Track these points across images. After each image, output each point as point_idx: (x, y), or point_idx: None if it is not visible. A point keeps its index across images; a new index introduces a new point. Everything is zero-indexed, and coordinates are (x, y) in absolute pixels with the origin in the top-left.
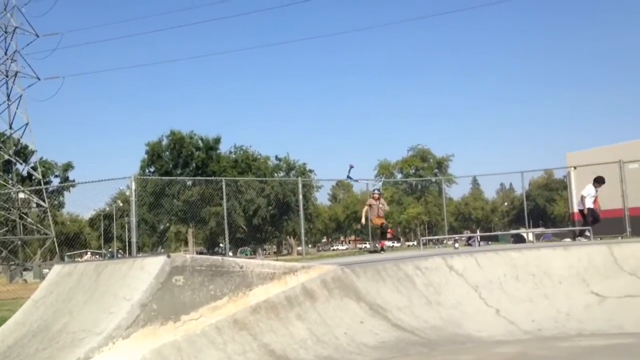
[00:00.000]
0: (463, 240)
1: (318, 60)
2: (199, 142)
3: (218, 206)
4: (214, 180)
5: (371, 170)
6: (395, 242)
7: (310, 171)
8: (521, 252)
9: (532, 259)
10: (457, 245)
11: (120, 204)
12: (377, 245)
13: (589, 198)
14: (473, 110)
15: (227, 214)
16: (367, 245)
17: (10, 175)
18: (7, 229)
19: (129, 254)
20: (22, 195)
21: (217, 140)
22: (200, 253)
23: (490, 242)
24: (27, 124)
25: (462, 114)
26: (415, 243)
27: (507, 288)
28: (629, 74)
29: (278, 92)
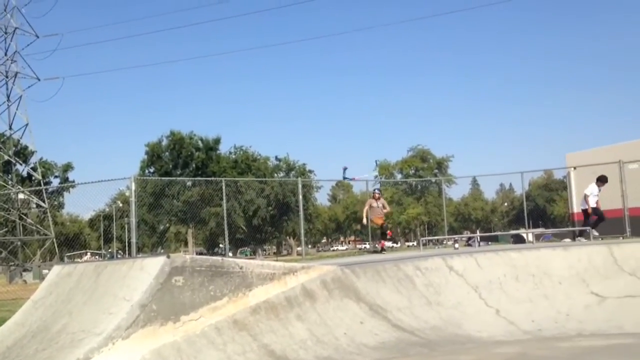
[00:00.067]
0: (463, 240)
1: (318, 60)
2: (199, 142)
3: (218, 207)
4: (214, 181)
5: (371, 171)
6: (392, 242)
7: (310, 171)
8: (521, 252)
9: (532, 259)
10: (457, 245)
11: (120, 204)
12: (377, 245)
13: (592, 197)
14: (473, 111)
15: (226, 214)
16: (367, 246)
17: (10, 176)
18: (6, 229)
19: (129, 254)
20: (21, 196)
21: (217, 141)
22: (200, 253)
23: (490, 243)
24: (27, 125)
25: (462, 114)
26: (415, 243)
27: (507, 288)
28: (629, 74)
29: (278, 93)
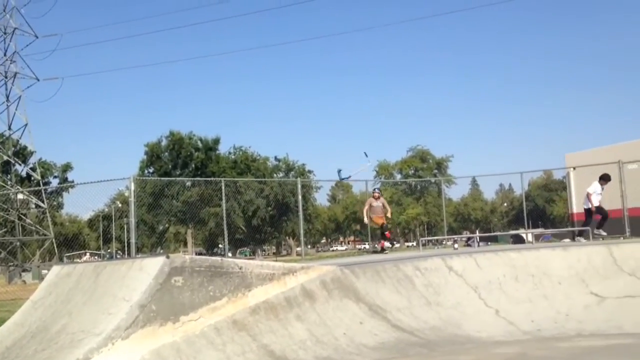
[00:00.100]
0: (462, 240)
1: (318, 60)
2: (198, 142)
3: (217, 207)
4: (213, 181)
5: (370, 171)
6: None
7: (310, 172)
8: (520, 252)
9: (531, 259)
10: (457, 245)
11: (120, 204)
12: (376, 245)
13: (595, 195)
14: (473, 111)
15: (226, 214)
16: (367, 246)
17: (9, 176)
18: (6, 230)
19: (128, 254)
20: (21, 196)
21: (217, 141)
22: (200, 254)
23: (489, 243)
24: (26, 125)
25: (462, 114)
26: (414, 244)
27: (506, 288)
28: (629, 74)
29: (277, 93)
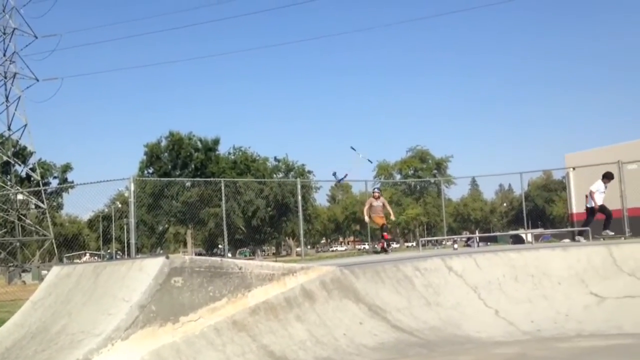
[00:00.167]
0: (462, 241)
1: (317, 60)
2: (198, 143)
3: (217, 207)
4: (213, 182)
5: (370, 172)
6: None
7: (309, 172)
8: (520, 252)
9: (531, 259)
10: (456, 246)
11: (119, 205)
12: (376, 246)
13: (598, 194)
14: (472, 111)
15: (226, 215)
16: (366, 246)
17: (8, 177)
18: (5, 230)
19: (128, 255)
20: (20, 197)
21: (216, 142)
22: (199, 254)
23: (489, 243)
24: (25, 125)
25: (462, 114)
26: (414, 244)
27: (506, 289)
28: (629, 74)
29: (277, 93)
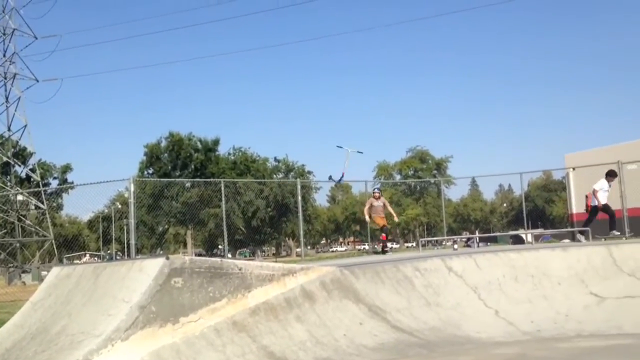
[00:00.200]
0: (462, 241)
1: (317, 61)
2: (198, 143)
3: (217, 208)
4: (213, 182)
5: (370, 172)
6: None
7: (309, 172)
8: (520, 253)
9: (531, 260)
10: (456, 246)
11: (119, 205)
12: (376, 246)
13: (601, 192)
14: (472, 111)
15: (225, 215)
16: (366, 247)
17: (8, 177)
18: (5, 231)
19: (128, 255)
20: (20, 197)
21: (216, 142)
22: (199, 255)
23: (489, 243)
24: (25, 126)
25: (462, 115)
26: (414, 244)
27: (506, 289)
28: (629, 74)
29: (277, 94)
